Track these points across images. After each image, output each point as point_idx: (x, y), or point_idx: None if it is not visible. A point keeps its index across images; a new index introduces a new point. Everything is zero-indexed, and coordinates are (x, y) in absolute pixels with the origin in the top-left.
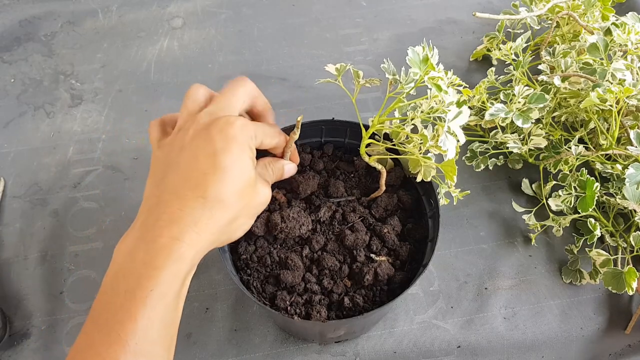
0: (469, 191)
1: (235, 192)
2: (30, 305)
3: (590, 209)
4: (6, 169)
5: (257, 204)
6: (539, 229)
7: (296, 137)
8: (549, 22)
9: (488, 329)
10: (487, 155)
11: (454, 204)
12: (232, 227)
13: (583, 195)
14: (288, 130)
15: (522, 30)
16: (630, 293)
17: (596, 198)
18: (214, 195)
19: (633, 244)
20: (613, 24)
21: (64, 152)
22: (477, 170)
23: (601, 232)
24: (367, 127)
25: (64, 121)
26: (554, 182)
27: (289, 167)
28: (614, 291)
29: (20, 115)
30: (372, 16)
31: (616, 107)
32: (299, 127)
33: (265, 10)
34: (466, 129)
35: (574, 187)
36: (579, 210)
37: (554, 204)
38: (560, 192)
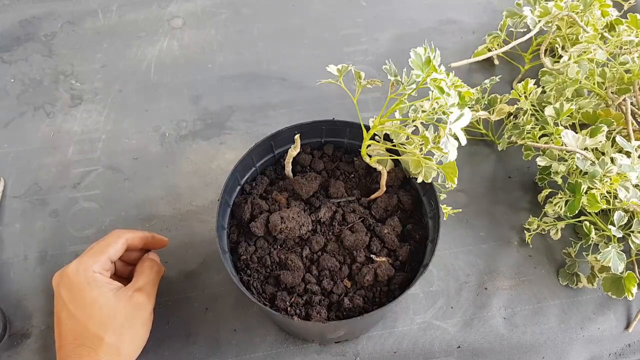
0: (460, 209)
1: (95, 319)
2: (30, 305)
3: (586, 211)
4: (6, 169)
5: (131, 313)
6: (534, 229)
7: (295, 152)
8: (549, 25)
9: (488, 329)
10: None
11: (451, 210)
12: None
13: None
14: (286, 131)
15: (524, 30)
16: (630, 298)
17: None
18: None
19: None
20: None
21: (64, 152)
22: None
23: (596, 236)
24: (367, 128)
25: (64, 121)
26: (550, 190)
27: (152, 257)
28: (613, 297)
29: (20, 115)
30: (372, 16)
31: None
32: (298, 144)
33: (265, 10)
34: (468, 129)
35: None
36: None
37: (551, 210)
38: (552, 198)
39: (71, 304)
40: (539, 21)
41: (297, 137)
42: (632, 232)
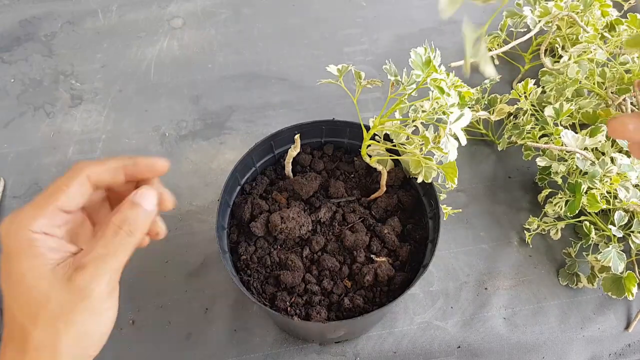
0: (460, 209)
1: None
2: None
3: (587, 211)
4: (6, 169)
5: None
6: (534, 229)
7: (295, 152)
8: (549, 25)
9: (488, 329)
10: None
11: (451, 210)
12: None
13: (573, 198)
14: (286, 131)
15: (524, 30)
16: (631, 298)
17: (600, 202)
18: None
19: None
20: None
21: (64, 152)
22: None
23: (596, 236)
24: (367, 128)
25: (64, 121)
26: (550, 190)
27: (144, 202)
28: (613, 297)
29: (20, 115)
30: (372, 16)
31: None
32: (298, 144)
33: (265, 10)
34: (468, 129)
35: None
36: (568, 214)
37: (551, 209)
38: (552, 198)
39: (2, 278)
40: (539, 21)
41: (297, 137)
42: (632, 232)
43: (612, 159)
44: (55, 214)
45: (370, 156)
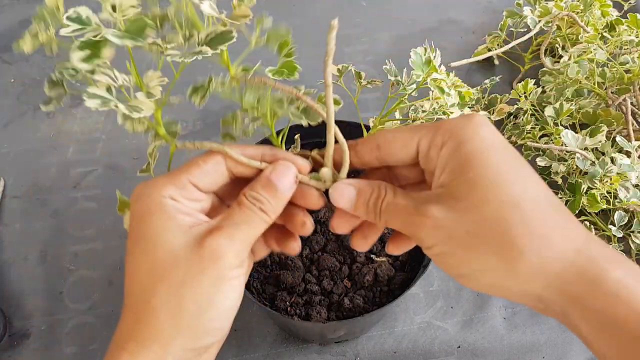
0: None
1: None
2: (30, 305)
3: (587, 212)
4: (6, 169)
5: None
6: None
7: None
8: (549, 25)
9: (488, 329)
10: None
11: None
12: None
13: (573, 199)
14: (287, 131)
15: (524, 29)
16: None
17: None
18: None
19: (633, 248)
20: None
21: (64, 152)
22: None
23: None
24: (368, 128)
25: (64, 121)
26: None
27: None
28: None
29: (20, 115)
30: (372, 16)
31: None
32: (298, 144)
33: (265, 11)
34: None
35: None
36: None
37: None
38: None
39: (129, 241)
40: (539, 21)
41: (297, 137)
42: (632, 232)
43: (612, 159)
44: (186, 186)
45: None
